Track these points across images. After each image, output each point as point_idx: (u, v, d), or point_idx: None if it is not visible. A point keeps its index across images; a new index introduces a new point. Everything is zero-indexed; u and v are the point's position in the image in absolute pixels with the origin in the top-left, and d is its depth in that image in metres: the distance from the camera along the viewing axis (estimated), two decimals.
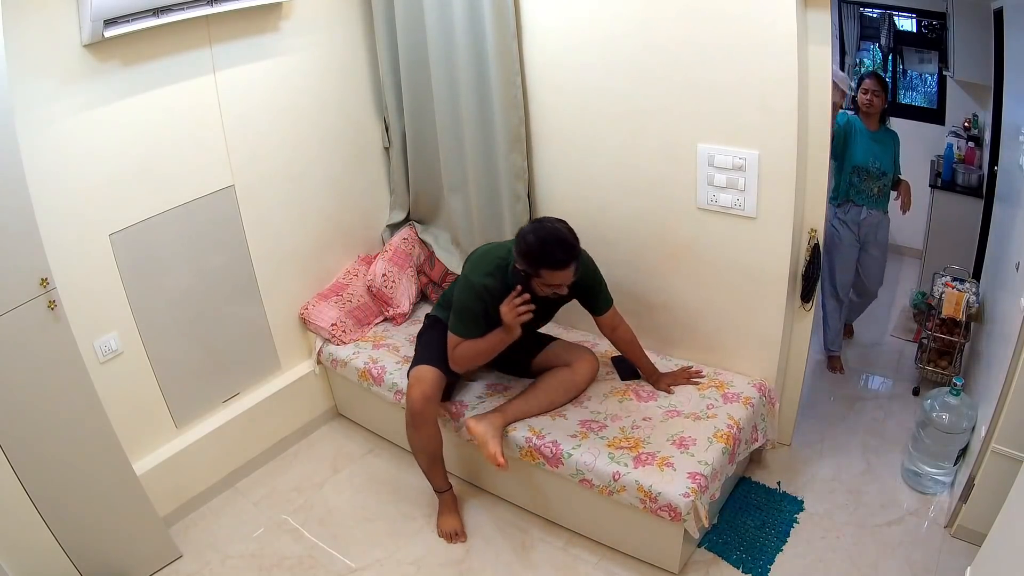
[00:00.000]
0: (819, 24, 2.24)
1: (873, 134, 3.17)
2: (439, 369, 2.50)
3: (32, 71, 2.10)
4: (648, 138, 2.61)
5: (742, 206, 2.48)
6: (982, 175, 3.63)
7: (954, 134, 3.96)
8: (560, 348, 2.72)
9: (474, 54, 2.78)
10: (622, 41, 2.52)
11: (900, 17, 4.27)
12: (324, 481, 2.94)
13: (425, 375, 2.49)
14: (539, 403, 2.54)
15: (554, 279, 2.25)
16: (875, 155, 3.15)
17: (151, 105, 2.41)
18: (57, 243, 2.14)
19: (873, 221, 3.26)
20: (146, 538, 2.49)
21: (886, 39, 4.39)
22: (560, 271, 2.23)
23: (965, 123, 3.93)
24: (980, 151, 3.74)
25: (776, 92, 2.25)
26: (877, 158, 3.16)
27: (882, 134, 3.20)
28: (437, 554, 2.57)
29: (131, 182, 2.42)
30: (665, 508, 2.24)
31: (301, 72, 2.87)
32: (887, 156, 3.19)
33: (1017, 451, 2.15)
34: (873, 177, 3.17)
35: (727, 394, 2.63)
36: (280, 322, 3.05)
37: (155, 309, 2.58)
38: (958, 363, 3.09)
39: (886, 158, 3.19)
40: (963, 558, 2.27)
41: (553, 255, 2.22)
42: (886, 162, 3.19)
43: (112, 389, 2.36)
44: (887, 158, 3.19)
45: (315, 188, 3.06)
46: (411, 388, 2.50)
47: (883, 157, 3.18)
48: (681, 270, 2.75)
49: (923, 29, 4.24)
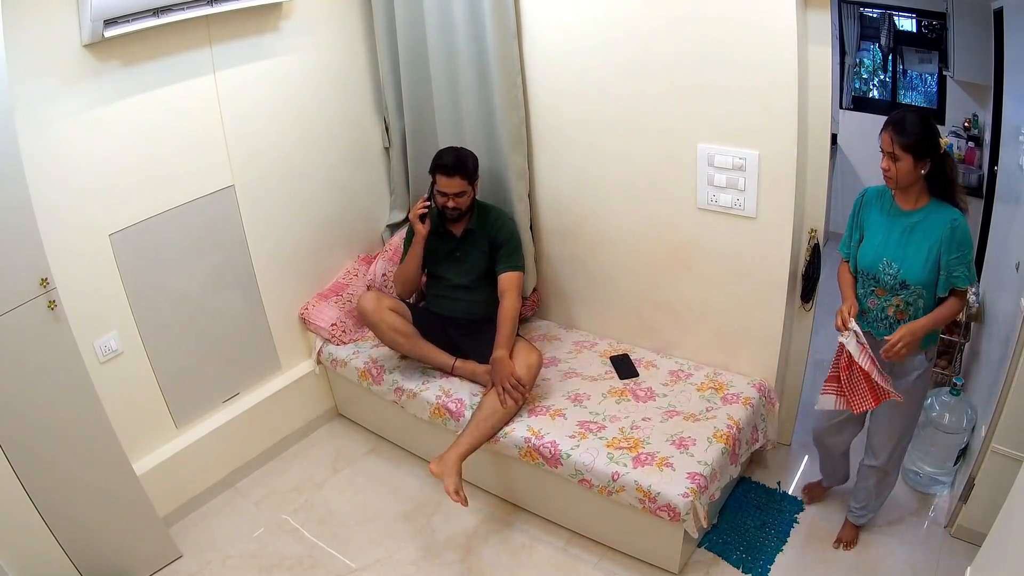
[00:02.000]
0: (819, 24, 2.24)
1: (903, 216, 2.06)
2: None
3: (32, 71, 2.10)
4: (648, 138, 2.61)
5: (742, 206, 2.48)
6: (982, 175, 3.63)
7: (954, 134, 3.95)
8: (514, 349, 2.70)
9: (475, 54, 2.78)
10: (622, 41, 2.52)
11: (900, 17, 4.27)
12: (324, 481, 2.94)
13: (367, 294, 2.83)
14: (483, 431, 2.52)
15: (442, 185, 2.67)
16: (893, 252, 2.06)
17: (151, 105, 2.41)
18: (57, 243, 2.14)
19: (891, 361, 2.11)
20: (146, 538, 2.49)
21: (886, 39, 4.38)
22: (445, 177, 2.66)
23: (965, 123, 3.92)
24: (980, 151, 3.74)
25: (776, 92, 2.26)
26: (896, 258, 2.05)
27: (921, 219, 2.02)
28: (437, 554, 2.57)
29: (131, 182, 2.42)
30: (664, 508, 2.24)
31: (301, 72, 2.87)
32: (917, 256, 2.01)
33: (1017, 451, 2.15)
34: (886, 289, 2.09)
35: (727, 395, 2.63)
36: (280, 322, 3.05)
37: (155, 309, 2.58)
38: (958, 363, 3.09)
39: (915, 259, 2.02)
40: (963, 558, 2.27)
41: (442, 160, 2.68)
42: (912, 266, 2.02)
43: (112, 389, 2.36)
44: (916, 259, 2.01)
45: (315, 188, 3.06)
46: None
47: (909, 257, 2.03)
48: (681, 270, 2.75)
49: (923, 29, 4.23)
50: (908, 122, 1.94)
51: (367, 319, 2.78)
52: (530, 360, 2.62)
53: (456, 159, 2.68)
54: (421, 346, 2.79)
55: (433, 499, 2.78)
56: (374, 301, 2.76)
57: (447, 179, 2.66)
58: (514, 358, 2.61)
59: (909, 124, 1.94)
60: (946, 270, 2.00)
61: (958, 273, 2.00)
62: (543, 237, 3.11)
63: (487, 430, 2.52)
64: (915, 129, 1.92)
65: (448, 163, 2.66)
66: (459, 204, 2.70)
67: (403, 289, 2.91)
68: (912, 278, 2.03)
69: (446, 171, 2.65)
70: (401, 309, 2.82)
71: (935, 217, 2.00)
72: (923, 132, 1.93)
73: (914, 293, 2.05)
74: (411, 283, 2.89)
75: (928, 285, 2.03)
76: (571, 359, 2.94)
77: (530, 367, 2.61)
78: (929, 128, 1.94)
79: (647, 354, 2.92)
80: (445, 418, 2.70)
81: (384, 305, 2.77)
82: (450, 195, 2.67)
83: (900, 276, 2.04)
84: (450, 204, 2.69)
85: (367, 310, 2.75)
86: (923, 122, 1.94)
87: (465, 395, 2.71)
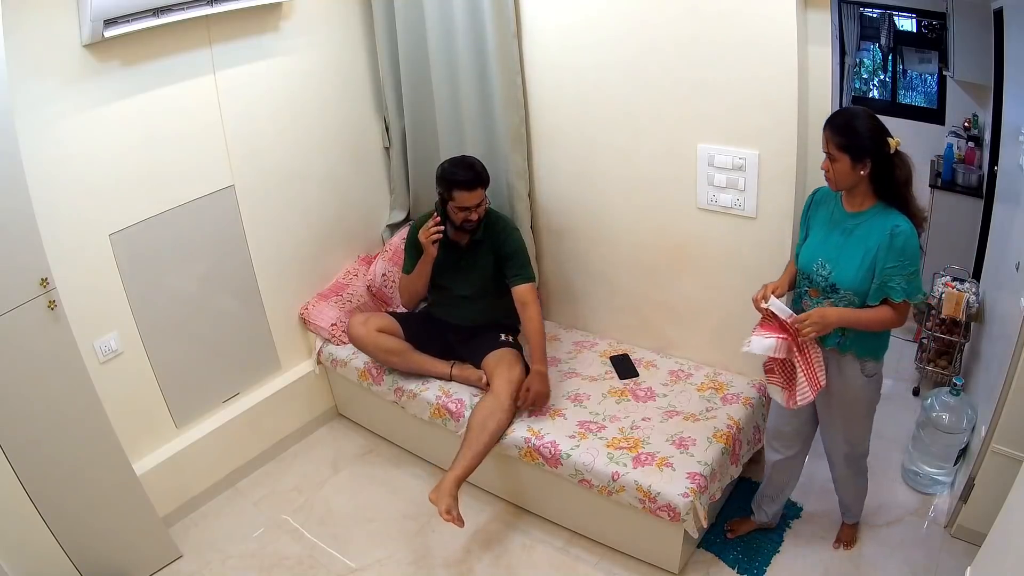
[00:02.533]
0: (819, 24, 2.24)
1: (845, 219, 1.95)
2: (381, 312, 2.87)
3: (32, 71, 2.11)
4: (648, 138, 2.61)
5: (742, 206, 2.48)
6: (982, 175, 3.63)
7: (954, 134, 3.95)
8: (495, 360, 2.67)
9: (475, 53, 2.78)
10: (623, 41, 2.52)
11: (900, 17, 4.26)
12: (324, 481, 2.94)
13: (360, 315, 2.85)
14: (476, 452, 2.46)
15: (463, 200, 2.58)
16: (828, 253, 1.96)
17: (151, 105, 2.41)
18: (57, 243, 2.14)
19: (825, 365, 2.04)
20: (146, 538, 2.49)
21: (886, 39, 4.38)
22: (467, 191, 2.57)
23: (965, 123, 3.92)
24: (980, 151, 3.74)
25: (776, 92, 2.25)
26: (830, 260, 1.95)
27: (861, 222, 1.91)
28: (437, 554, 2.57)
29: (131, 182, 2.42)
30: (664, 508, 2.24)
31: (301, 72, 2.87)
32: (851, 261, 1.91)
33: (1017, 451, 2.15)
34: (819, 291, 1.99)
35: (727, 395, 2.63)
36: (280, 322, 3.05)
37: (155, 309, 2.58)
38: (958, 363, 3.09)
39: (848, 264, 1.91)
40: (963, 558, 2.27)
41: (457, 176, 2.58)
42: (845, 270, 1.92)
43: (112, 389, 2.36)
44: (850, 264, 1.91)
45: (315, 188, 3.06)
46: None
47: (843, 261, 1.93)
48: (681, 270, 2.75)
49: (923, 29, 4.23)
50: (846, 120, 1.84)
51: (359, 345, 2.82)
52: (512, 376, 2.59)
53: (472, 172, 2.59)
54: (415, 360, 2.79)
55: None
56: (363, 326, 2.78)
57: (468, 193, 2.57)
58: (496, 369, 2.61)
59: (847, 123, 1.83)
60: (880, 278, 1.87)
61: (893, 284, 1.86)
62: (543, 236, 3.11)
63: (482, 446, 2.46)
64: (852, 128, 1.82)
65: (467, 178, 2.57)
66: (480, 214, 2.64)
67: (409, 301, 2.91)
68: (842, 282, 1.93)
69: (467, 186, 2.56)
70: (391, 327, 2.82)
71: (876, 222, 1.88)
72: (861, 131, 1.81)
73: (844, 298, 1.94)
74: (418, 296, 2.89)
75: (860, 292, 1.92)
76: (571, 359, 2.94)
77: (511, 382, 2.57)
78: (869, 127, 1.82)
79: (647, 354, 2.92)
80: (445, 418, 2.70)
81: (373, 327, 2.78)
82: (472, 207, 2.60)
83: (831, 279, 1.95)
84: (473, 217, 2.62)
85: (359, 336, 2.79)
86: (863, 121, 1.82)
87: (465, 395, 2.71)
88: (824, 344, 2.03)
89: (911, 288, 1.87)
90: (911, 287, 1.86)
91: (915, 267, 1.86)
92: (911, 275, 1.86)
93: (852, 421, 2.16)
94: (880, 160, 1.83)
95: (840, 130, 1.83)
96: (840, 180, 1.88)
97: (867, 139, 1.82)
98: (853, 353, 2.02)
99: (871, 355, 2.02)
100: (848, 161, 1.83)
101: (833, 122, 1.85)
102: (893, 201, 1.88)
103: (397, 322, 2.85)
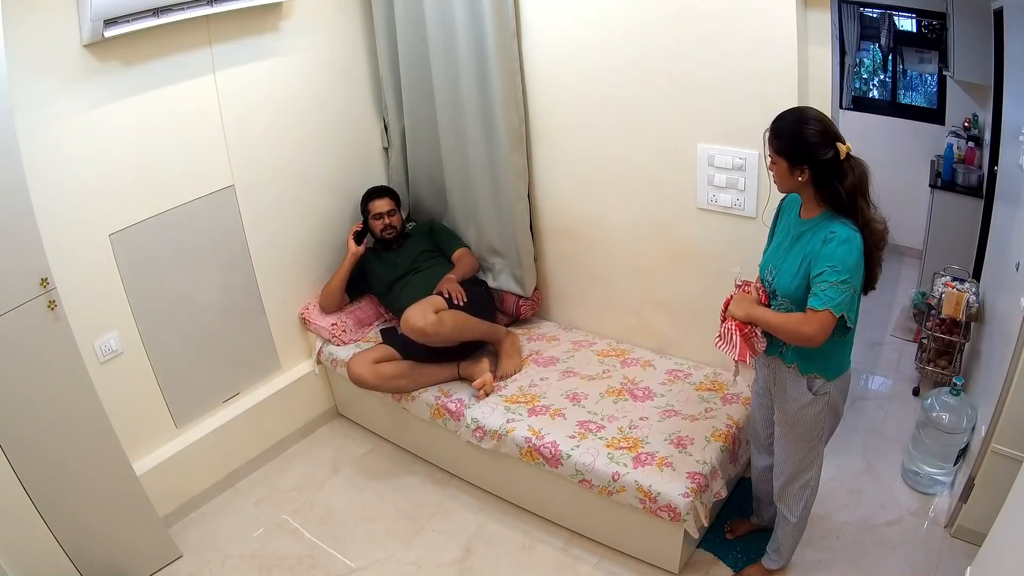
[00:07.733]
0: (819, 24, 2.24)
1: (798, 225, 1.88)
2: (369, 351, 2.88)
3: (32, 71, 2.11)
4: (648, 138, 2.61)
5: (742, 206, 2.48)
6: (982, 175, 3.63)
7: (954, 134, 3.95)
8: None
9: (474, 54, 2.78)
10: (623, 41, 2.52)
11: (900, 17, 4.27)
12: (324, 481, 2.94)
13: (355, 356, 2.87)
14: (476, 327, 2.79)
15: (376, 207, 3.07)
16: (776, 259, 1.92)
17: (151, 105, 2.42)
18: (57, 243, 2.14)
19: (774, 375, 2.02)
20: (146, 538, 2.49)
21: (886, 39, 4.38)
22: (377, 199, 3.09)
23: (965, 123, 3.92)
24: (980, 151, 3.74)
25: (776, 92, 2.25)
26: (776, 266, 1.91)
27: (807, 229, 1.83)
28: (437, 554, 2.57)
29: (131, 182, 2.42)
30: (665, 508, 2.24)
31: (301, 72, 2.87)
32: (790, 268, 1.85)
33: (1017, 451, 2.15)
34: (769, 295, 1.95)
35: (727, 395, 2.63)
36: (280, 322, 3.05)
37: (155, 309, 2.58)
38: (958, 363, 3.09)
39: (787, 270, 1.86)
40: (963, 558, 2.27)
41: (370, 189, 3.14)
42: (784, 277, 1.87)
43: (112, 389, 2.36)
44: (788, 271, 1.85)
45: (315, 188, 3.06)
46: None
47: (784, 267, 1.87)
48: (681, 270, 2.75)
49: (923, 29, 4.23)
50: (787, 124, 1.74)
51: (366, 385, 2.75)
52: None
53: (381, 187, 3.15)
54: (423, 376, 2.79)
55: (433, 499, 2.78)
56: (364, 366, 2.74)
57: (379, 199, 3.06)
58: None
59: (786, 126, 1.74)
60: (812, 285, 1.77)
61: (817, 290, 1.73)
62: (543, 236, 3.11)
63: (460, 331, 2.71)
64: (791, 132, 1.72)
65: (376, 188, 3.12)
66: (395, 222, 3.07)
67: (328, 301, 3.07)
68: (780, 289, 1.87)
69: (376, 194, 3.09)
70: (387, 354, 2.80)
71: (818, 230, 1.78)
72: (800, 136, 1.71)
73: (781, 305, 1.88)
74: (334, 295, 3.06)
75: (795, 300, 1.84)
76: (569, 358, 2.94)
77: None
78: (814, 131, 1.71)
79: (647, 354, 2.92)
80: (445, 418, 2.70)
81: (370, 360, 2.76)
82: (385, 213, 3.04)
83: (774, 285, 1.90)
84: (388, 222, 3.05)
85: (361, 376, 2.74)
86: (805, 124, 1.72)
87: (465, 395, 2.71)
88: (768, 353, 1.96)
89: (837, 300, 1.71)
90: (837, 298, 1.71)
91: (843, 277, 1.71)
92: (839, 284, 1.71)
93: (793, 443, 2.03)
94: (821, 166, 1.72)
95: (777, 133, 1.75)
96: (780, 184, 1.83)
97: (805, 145, 1.72)
98: (796, 367, 1.92)
99: (820, 372, 1.91)
100: (785, 166, 1.76)
101: (774, 124, 1.77)
102: (844, 210, 1.76)
103: (391, 347, 2.83)
